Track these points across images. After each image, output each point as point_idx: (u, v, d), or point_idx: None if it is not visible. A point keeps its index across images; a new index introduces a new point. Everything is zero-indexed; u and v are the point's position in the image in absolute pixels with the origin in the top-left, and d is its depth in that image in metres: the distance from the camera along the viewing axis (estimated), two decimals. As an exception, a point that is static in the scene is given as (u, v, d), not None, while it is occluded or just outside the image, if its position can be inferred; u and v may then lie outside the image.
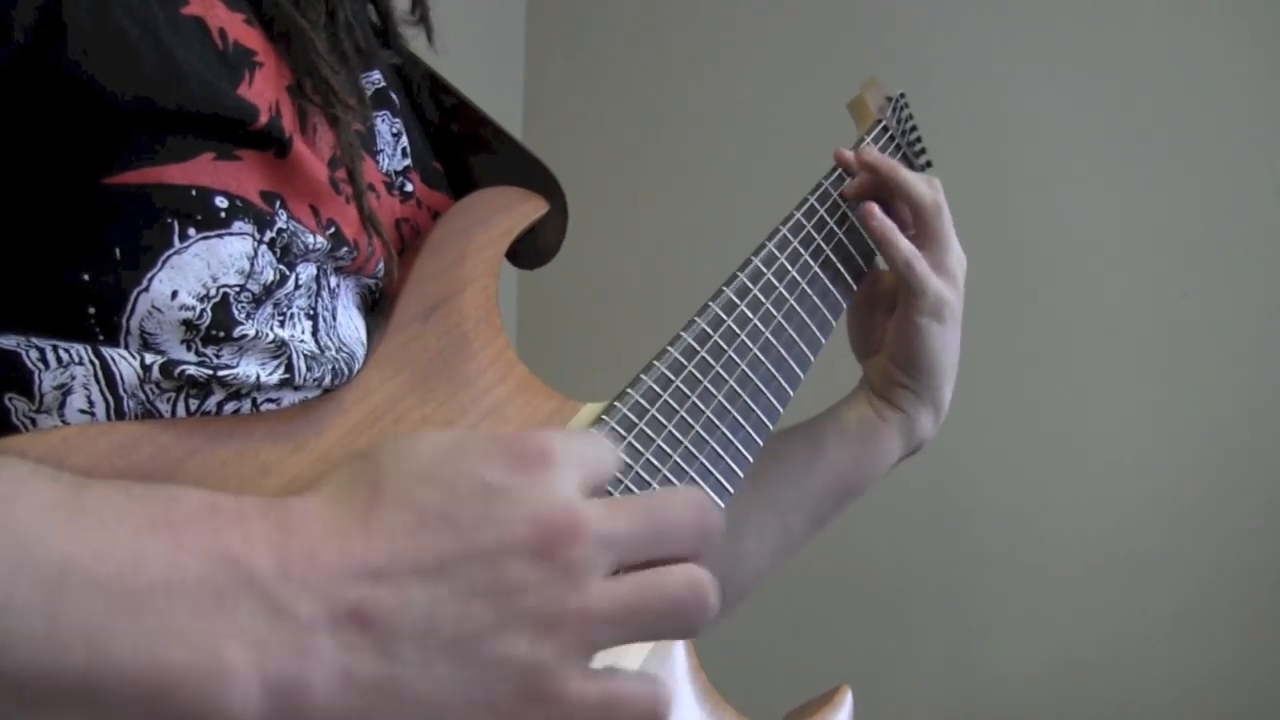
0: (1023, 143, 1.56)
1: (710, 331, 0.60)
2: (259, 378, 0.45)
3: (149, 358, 0.42)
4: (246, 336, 0.44)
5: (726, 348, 0.60)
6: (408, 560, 0.36)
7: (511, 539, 0.37)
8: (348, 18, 0.52)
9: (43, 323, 0.41)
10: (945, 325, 0.71)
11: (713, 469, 0.56)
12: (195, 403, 0.43)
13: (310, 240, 0.47)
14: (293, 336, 0.47)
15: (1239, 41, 1.47)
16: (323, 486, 0.39)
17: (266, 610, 0.34)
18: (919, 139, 0.84)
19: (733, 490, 0.56)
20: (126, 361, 0.41)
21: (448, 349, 0.52)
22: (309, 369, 0.47)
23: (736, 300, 0.62)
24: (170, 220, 0.42)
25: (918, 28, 1.62)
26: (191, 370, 0.43)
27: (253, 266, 0.44)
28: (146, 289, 0.42)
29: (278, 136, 0.45)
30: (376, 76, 0.59)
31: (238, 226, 0.43)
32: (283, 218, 0.45)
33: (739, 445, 0.58)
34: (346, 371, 0.48)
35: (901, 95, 0.83)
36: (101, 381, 0.41)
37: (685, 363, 0.58)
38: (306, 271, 0.47)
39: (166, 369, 0.42)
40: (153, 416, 0.42)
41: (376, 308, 0.54)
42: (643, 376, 0.56)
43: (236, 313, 0.44)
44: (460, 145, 0.65)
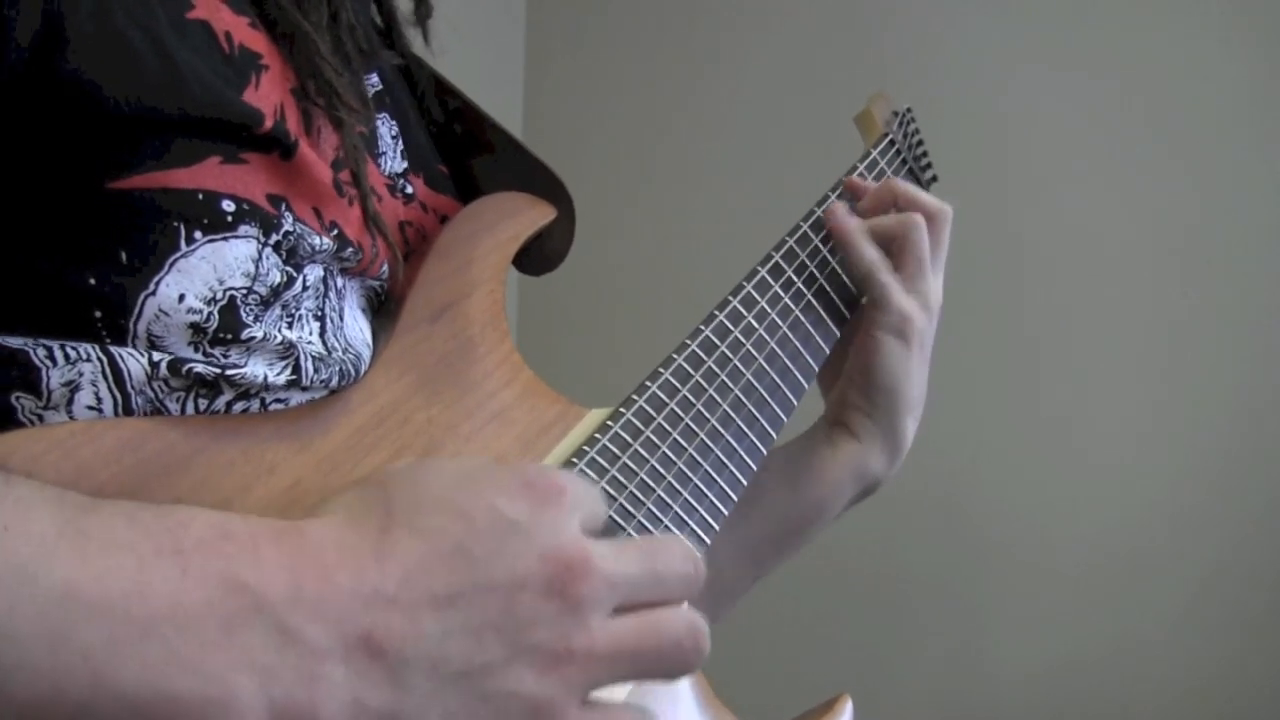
0: (1022, 143, 1.56)
1: (717, 340, 0.60)
2: (266, 378, 0.45)
3: (157, 355, 0.42)
4: (254, 339, 0.44)
5: (733, 357, 0.60)
6: (421, 589, 0.36)
7: (525, 573, 0.37)
8: (350, 19, 0.52)
9: (50, 325, 0.41)
10: (909, 347, 0.66)
11: (718, 476, 0.56)
12: (204, 402, 0.44)
13: (317, 242, 0.47)
14: (300, 338, 0.47)
15: (1239, 41, 1.47)
16: (335, 510, 0.39)
17: (276, 636, 0.34)
18: (925, 153, 0.84)
19: (736, 497, 0.56)
20: (134, 359, 0.41)
21: (454, 352, 0.52)
22: (316, 370, 0.47)
23: (743, 310, 0.62)
24: (176, 224, 0.42)
25: (918, 30, 1.62)
26: (199, 368, 0.43)
27: (258, 269, 0.44)
28: (153, 293, 0.42)
29: (283, 140, 0.45)
30: (376, 79, 0.59)
31: (244, 230, 0.43)
32: (289, 220, 0.45)
33: (743, 454, 0.58)
34: (353, 373, 0.49)
35: (908, 110, 0.83)
36: (109, 378, 0.41)
37: (691, 371, 0.58)
38: (314, 273, 0.48)
39: (174, 366, 0.42)
40: (161, 414, 0.42)
41: (382, 310, 0.55)
42: (648, 383, 0.56)
43: (244, 315, 0.44)
44: (464, 148, 0.65)
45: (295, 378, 0.46)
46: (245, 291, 0.44)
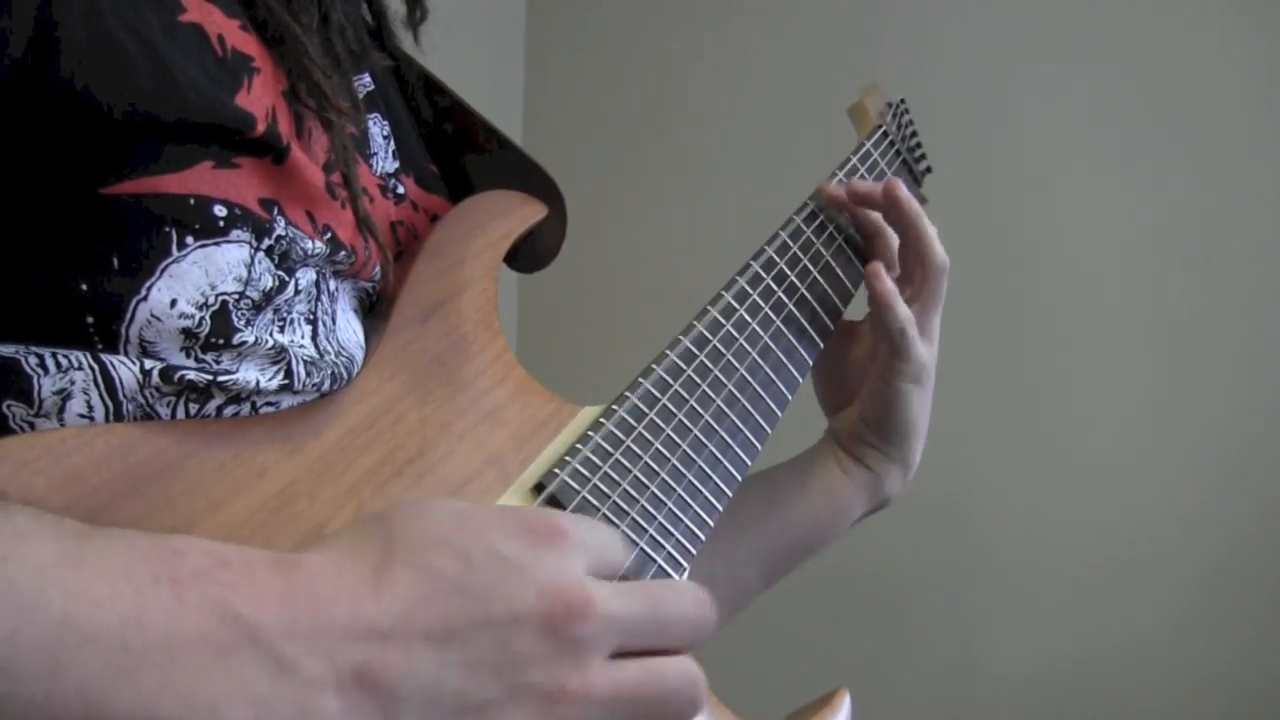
0: (1022, 143, 1.56)
1: (709, 336, 0.60)
2: (259, 383, 0.45)
3: (149, 363, 0.42)
4: (246, 343, 0.44)
5: (725, 352, 0.60)
6: (417, 624, 0.36)
7: (522, 611, 0.37)
8: (340, 20, 0.52)
9: (41, 332, 0.41)
10: (924, 389, 0.68)
11: (712, 472, 0.56)
12: (195, 407, 0.43)
13: (309, 245, 0.47)
14: (292, 342, 0.47)
15: (1239, 41, 1.47)
16: (334, 543, 0.39)
17: (269, 668, 0.34)
18: (919, 144, 0.83)
19: (731, 493, 0.56)
20: (126, 366, 0.41)
21: (446, 352, 0.52)
22: (308, 374, 0.47)
23: (736, 305, 0.62)
24: (168, 229, 0.42)
25: (917, 29, 1.62)
26: (191, 375, 0.43)
27: (251, 273, 0.44)
28: (145, 298, 0.42)
29: (275, 144, 0.45)
30: (367, 79, 0.59)
31: (236, 234, 0.43)
32: (281, 224, 0.45)
33: (738, 450, 0.58)
34: (345, 376, 0.49)
35: (902, 101, 0.83)
36: (101, 386, 0.41)
37: (684, 367, 0.57)
38: (306, 277, 0.48)
39: (166, 374, 0.42)
40: (152, 420, 0.42)
41: (374, 311, 0.55)
42: (641, 380, 0.56)
43: (236, 320, 0.44)
44: (455, 146, 0.65)
45: (287, 382, 0.46)
46: (237, 296, 0.44)
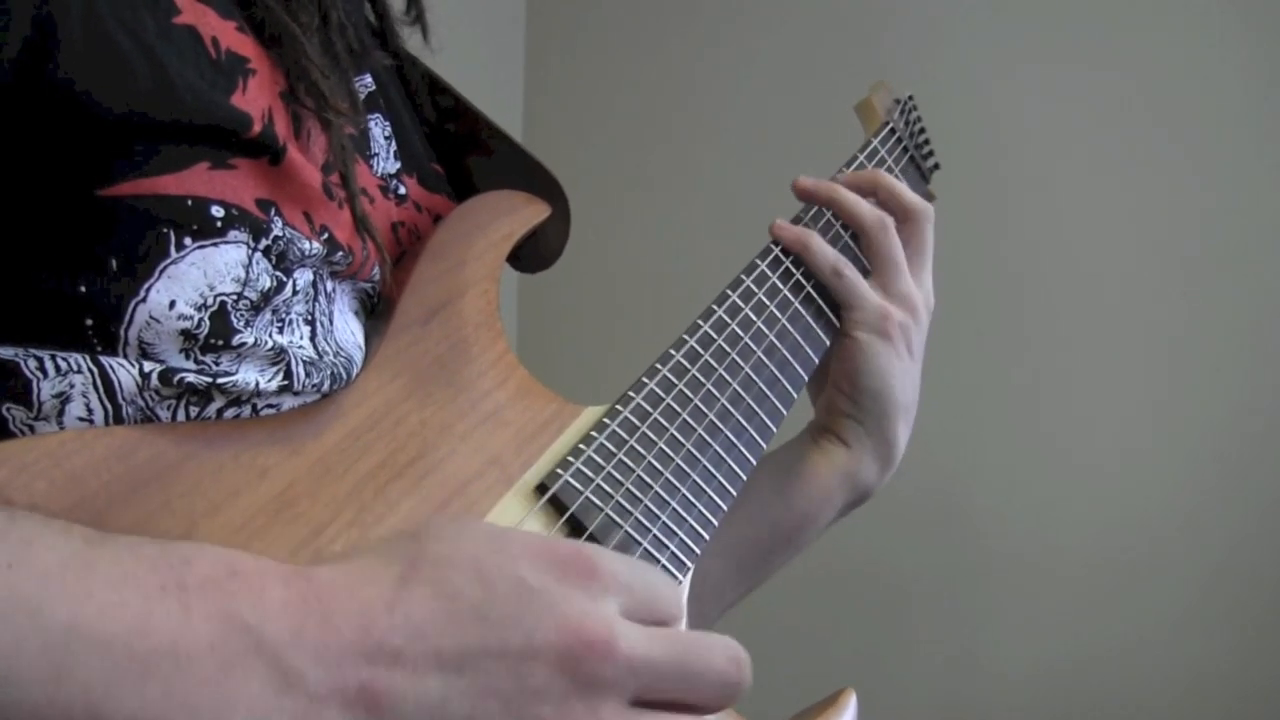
0: (1023, 143, 1.56)
1: (714, 335, 0.59)
2: (258, 384, 0.45)
3: (148, 366, 0.42)
4: (245, 344, 0.44)
5: (730, 351, 0.59)
6: (428, 647, 0.35)
7: (540, 644, 0.36)
8: (341, 19, 0.52)
9: (40, 334, 0.41)
10: (893, 345, 0.64)
11: (716, 472, 0.55)
12: (195, 410, 0.43)
13: (306, 246, 0.46)
14: (291, 343, 0.47)
15: (1240, 42, 1.47)
16: (355, 558, 0.38)
17: (275, 679, 0.34)
18: (927, 141, 0.83)
19: (735, 493, 0.56)
20: (125, 369, 0.41)
21: (448, 353, 0.51)
22: (308, 375, 0.46)
23: (741, 304, 0.62)
24: (166, 230, 0.42)
25: (918, 30, 1.62)
26: (191, 378, 0.42)
27: (249, 274, 0.44)
28: (144, 299, 0.41)
29: (271, 144, 0.45)
30: (368, 79, 0.58)
31: (233, 235, 0.43)
32: (278, 225, 0.45)
33: (743, 449, 0.57)
34: (345, 376, 0.48)
35: (910, 98, 0.83)
36: (100, 389, 0.41)
37: (688, 366, 0.57)
38: (303, 277, 0.47)
39: (165, 376, 0.42)
40: (152, 423, 0.42)
41: (375, 312, 0.54)
42: (645, 380, 0.56)
43: (235, 321, 0.44)
44: (459, 146, 0.65)
45: (287, 383, 0.46)
46: (236, 297, 0.44)
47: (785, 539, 0.67)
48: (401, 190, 0.58)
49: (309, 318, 0.48)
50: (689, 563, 0.52)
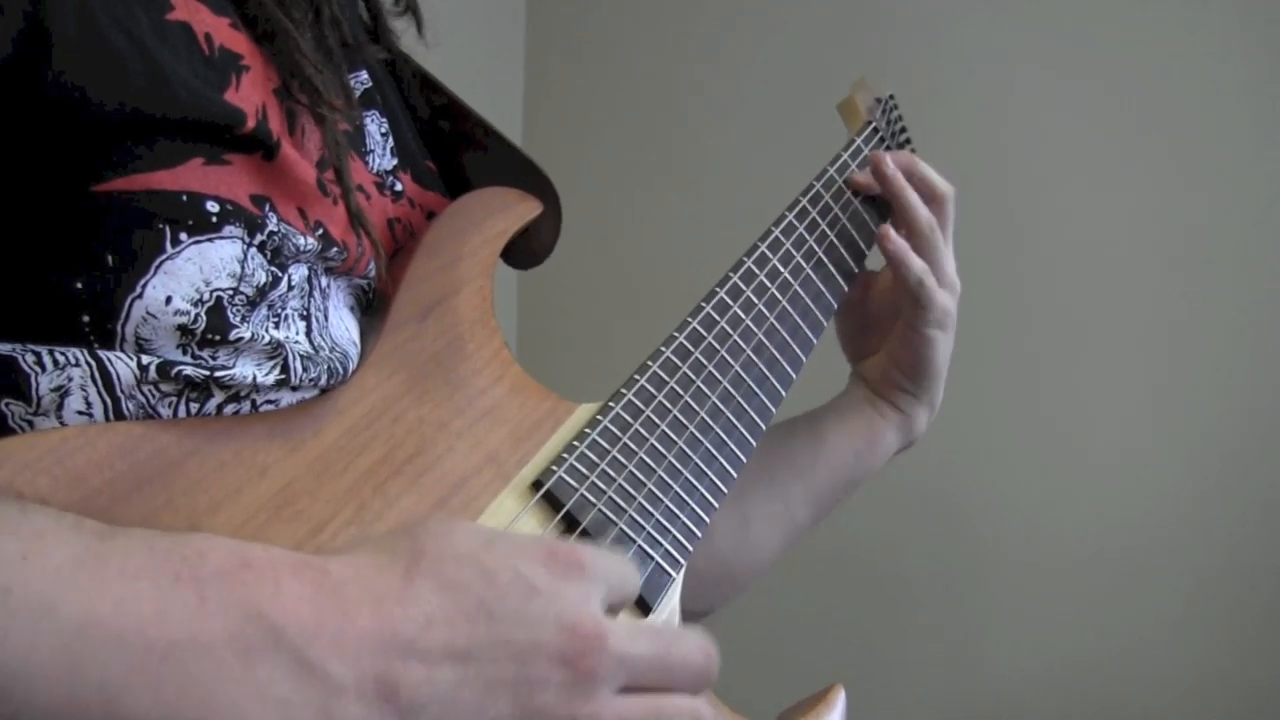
0: (1022, 142, 1.56)
1: (704, 332, 0.60)
2: (255, 379, 0.45)
3: (145, 359, 0.42)
4: (242, 339, 0.44)
5: (720, 348, 0.60)
6: (441, 639, 0.37)
7: (542, 639, 0.38)
8: (334, 14, 0.52)
9: (38, 330, 0.41)
10: (948, 334, 0.73)
11: (707, 469, 0.56)
12: (195, 405, 0.44)
13: (301, 242, 0.47)
14: (288, 337, 0.47)
15: (1239, 41, 1.47)
16: (360, 551, 0.39)
17: (295, 669, 0.34)
18: (908, 140, 0.84)
19: (727, 490, 0.57)
20: (123, 362, 0.41)
21: (444, 350, 0.52)
22: (305, 369, 0.47)
23: (729, 301, 0.62)
24: (162, 226, 0.42)
25: (917, 30, 1.61)
26: (188, 370, 0.43)
27: (244, 269, 0.44)
28: (140, 295, 0.42)
29: (265, 140, 0.45)
30: (364, 76, 0.59)
31: (228, 230, 0.43)
32: (273, 220, 0.45)
33: (733, 446, 0.58)
34: (341, 371, 0.49)
35: (891, 96, 0.83)
36: (99, 382, 0.41)
37: (679, 363, 0.58)
38: (298, 273, 0.48)
39: (163, 369, 0.42)
40: (152, 419, 0.42)
41: (371, 308, 0.55)
42: (636, 377, 0.56)
43: (231, 316, 0.44)
44: (452, 143, 0.65)
45: (284, 377, 0.46)
46: (232, 292, 0.44)
47: (853, 484, 0.76)
48: (398, 187, 0.58)
49: (304, 313, 0.49)
50: (681, 559, 0.53)
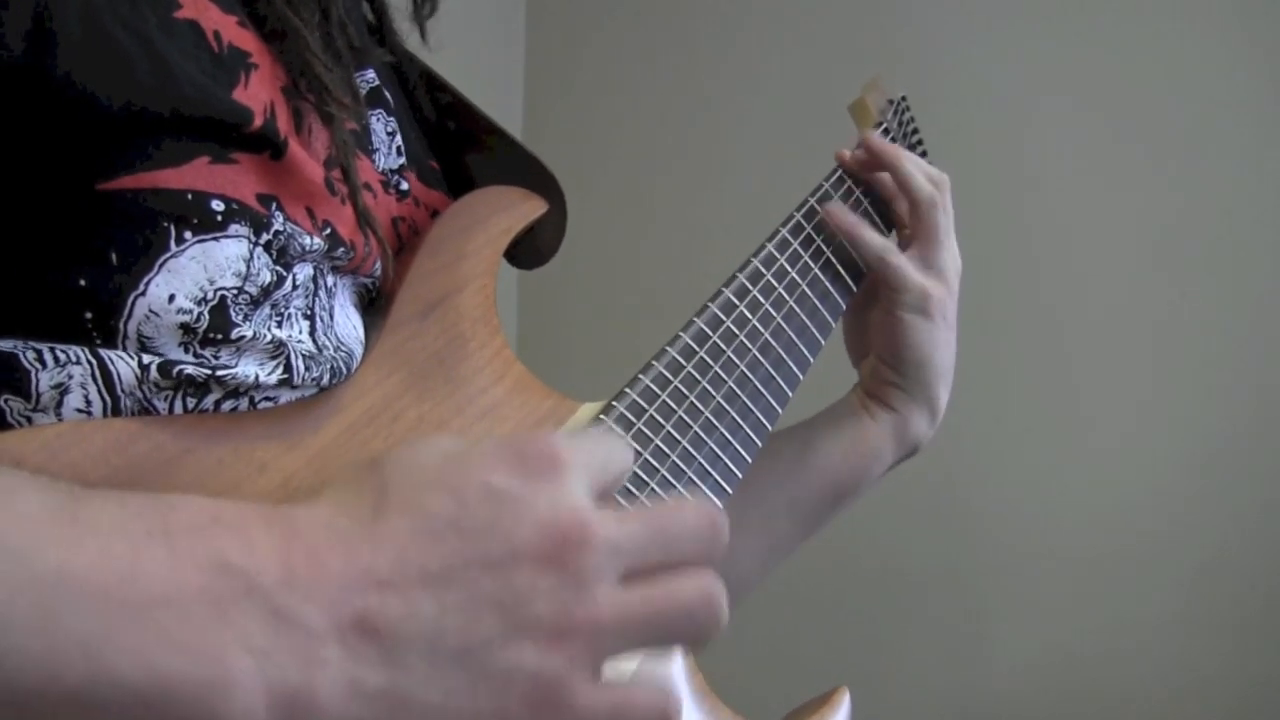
0: (1023, 143, 1.56)
1: (709, 332, 0.59)
2: (257, 378, 0.45)
3: (147, 358, 0.42)
4: (244, 338, 0.44)
5: (725, 348, 0.59)
6: (414, 569, 0.36)
7: (520, 546, 0.36)
8: (341, 15, 0.52)
9: (40, 327, 0.41)
10: (933, 321, 0.68)
11: (711, 469, 0.56)
12: (193, 401, 0.44)
13: (307, 241, 0.46)
14: (290, 337, 0.47)
15: (1239, 42, 1.47)
16: (327, 494, 0.39)
17: (270, 619, 0.34)
18: (920, 141, 0.83)
19: (730, 491, 0.56)
20: (124, 362, 0.41)
21: (445, 348, 0.52)
22: (307, 369, 0.47)
23: (735, 301, 0.61)
24: (166, 224, 0.42)
25: (917, 31, 1.62)
26: (190, 370, 0.43)
27: (249, 269, 0.44)
28: (143, 293, 0.42)
29: (273, 139, 0.45)
30: (370, 75, 0.59)
31: (234, 229, 0.43)
32: (279, 219, 0.45)
33: (737, 446, 0.57)
34: (344, 371, 0.48)
35: (903, 98, 0.83)
36: (99, 381, 0.41)
37: (684, 363, 0.57)
38: (303, 272, 0.47)
39: (165, 369, 0.42)
40: (150, 414, 0.42)
41: (374, 306, 0.54)
42: (641, 376, 0.56)
43: (234, 315, 0.44)
44: (457, 143, 0.65)
45: (286, 376, 0.46)
46: (236, 291, 0.44)
47: (844, 494, 0.71)
48: (404, 186, 0.58)
49: (308, 312, 0.48)
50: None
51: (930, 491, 1.54)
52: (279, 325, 0.47)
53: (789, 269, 0.65)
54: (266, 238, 0.45)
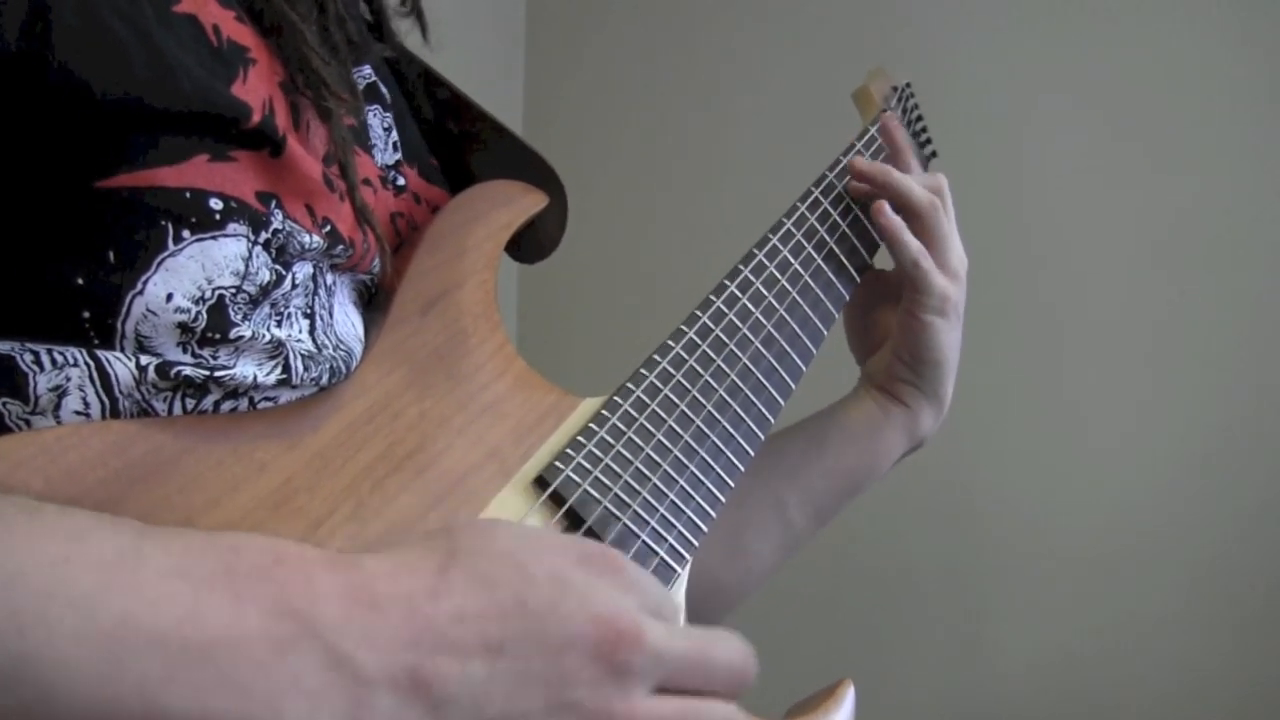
0: (1023, 141, 1.56)
1: (712, 325, 0.59)
2: (256, 378, 0.44)
3: (145, 359, 0.42)
4: (243, 338, 0.44)
5: (728, 341, 0.59)
6: (473, 633, 0.37)
7: (575, 633, 0.38)
8: (338, 11, 0.52)
9: (37, 327, 0.41)
10: (950, 321, 0.70)
11: (714, 464, 0.55)
12: (191, 402, 0.43)
13: (307, 239, 0.46)
14: (290, 336, 0.46)
15: (1239, 42, 1.47)
16: (395, 549, 0.40)
17: (326, 661, 0.34)
18: (924, 129, 0.83)
19: (733, 484, 0.56)
20: (122, 363, 0.41)
21: (446, 345, 0.51)
22: (306, 369, 0.46)
23: (738, 294, 0.61)
24: (164, 223, 0.41)
25: (917, 31, 1.62)
26: (188, 371, 0.42)
27: (248, 268, 0.44)
28: (141, 292, 0.41)
29: (271, 135, 0.44)
30: (367, 71, 0.58)
31: (232, 228, 0.43)
32: (278, 218, 0.45)
33: (740, 440, 0.57)
34: (344, 370, 0.48)
35: (907, 85, 0.82)
36: (97, 383, 0.41)
37: (687, 356, 0.57)
38: (303, 270, 0.47)
39: (162, 370, 0.42)
40: (148, 415, 0.42)
41: (373, 303, 0.54)
42: (643, 371, 0.55)
43: (232, 314, 0.43)
44: (456, 140, 0.65)
45: (285, 376, 0.45)
46: (234, 290, 0.43)
47: (855, 487, 0.73)
48: (400, 181, 0.58)
49: (308, 311, 0.48)
50: (687, 554, 0.52)
51: (930, 491, 1.54)
52: (278, 325, 0.46)
53: (792, 260, 0.65)
54: (265, 236, 0.44)
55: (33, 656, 0.31)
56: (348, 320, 0.51)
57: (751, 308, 0.61)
